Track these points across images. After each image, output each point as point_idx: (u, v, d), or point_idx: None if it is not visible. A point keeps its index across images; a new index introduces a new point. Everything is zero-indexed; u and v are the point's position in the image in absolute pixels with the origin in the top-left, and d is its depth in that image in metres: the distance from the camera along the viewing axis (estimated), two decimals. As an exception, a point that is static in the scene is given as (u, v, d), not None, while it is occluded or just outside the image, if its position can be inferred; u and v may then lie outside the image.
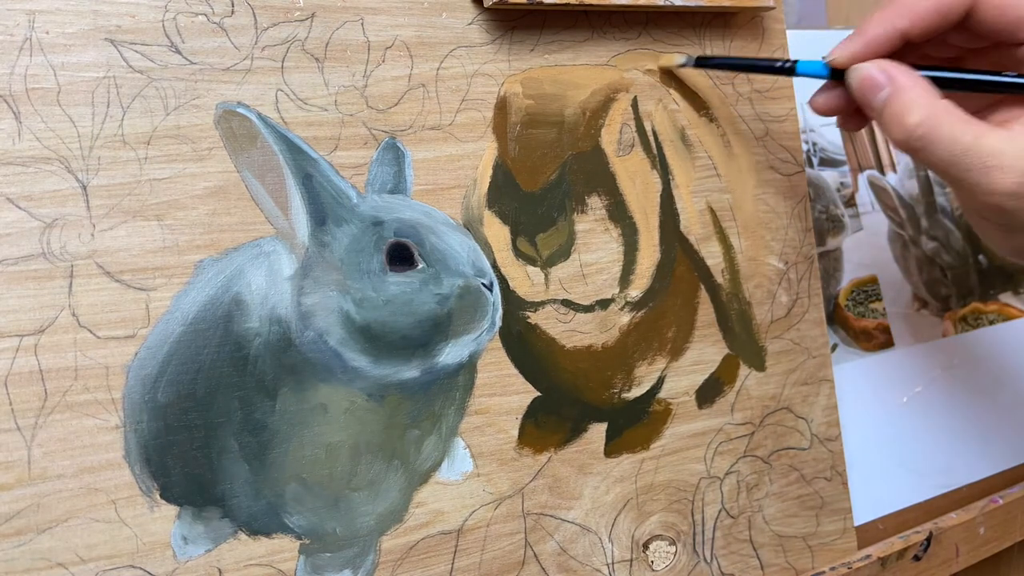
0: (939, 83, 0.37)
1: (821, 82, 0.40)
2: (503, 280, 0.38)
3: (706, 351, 0.43)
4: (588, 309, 0.40)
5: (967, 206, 0.39)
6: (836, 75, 0.38)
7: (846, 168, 0.55)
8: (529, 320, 0.39)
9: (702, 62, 0.42)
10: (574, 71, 0.41)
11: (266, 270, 0.33)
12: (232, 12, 0.33)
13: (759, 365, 0.45)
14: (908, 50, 0.38)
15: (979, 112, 0.37)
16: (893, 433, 0.52)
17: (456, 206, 0.37)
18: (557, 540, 0.39)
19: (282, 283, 0.33)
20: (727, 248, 0.44)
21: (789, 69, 0.40)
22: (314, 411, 0.34)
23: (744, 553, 0.44)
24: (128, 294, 0.31)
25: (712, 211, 0.44)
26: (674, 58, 0.43)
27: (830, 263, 0.53)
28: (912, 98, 0.35)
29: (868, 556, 0.47)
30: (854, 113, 0.40)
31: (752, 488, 0.44)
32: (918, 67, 0.37)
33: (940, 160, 0.35)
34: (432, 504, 0.36)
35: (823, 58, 0.38)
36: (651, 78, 0.43)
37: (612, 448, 0.40)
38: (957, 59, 0.41)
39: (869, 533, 0.49)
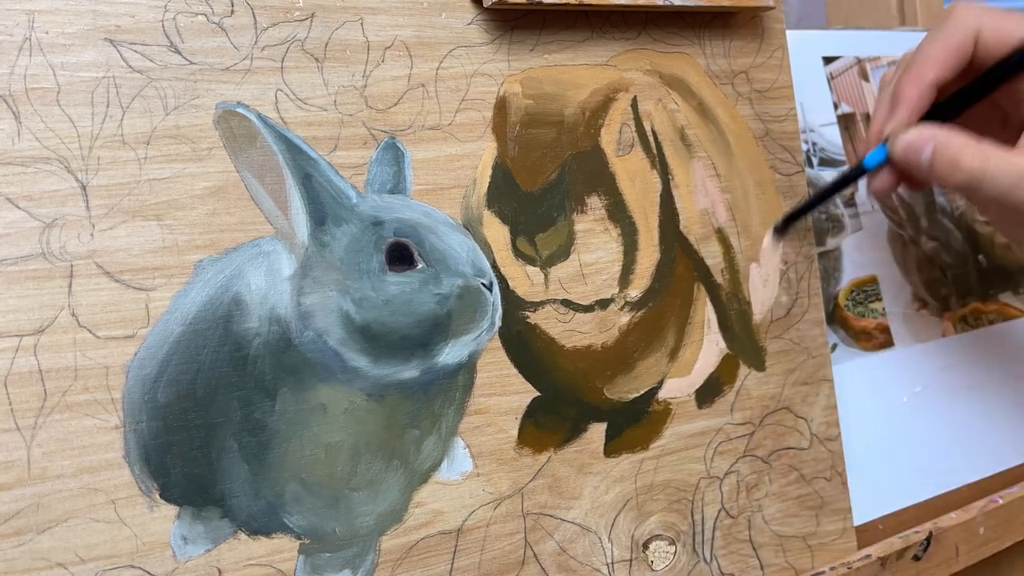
0: (946, 109, 0.40)
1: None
2: (503, 280, 0.38)
3: (706, 351, 0.43)
4: (588, 309, 0.40)
5: (1017, 225, 0.41)
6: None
7: (846, 168, 0.55)
8: (529, 320, 0.39)
9: (787, 221, 0.45)
10: (574, 71, 0.41)
11: (265, 270, 0.33)
12: (232, 12, 0.33)
13: (759, 365, 0.45)
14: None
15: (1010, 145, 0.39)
16: (893, 433, 0.52)
17: (456, 206, 0.37)
18: (557, 540, 0.39)
19: (281, 283, 0.33)
20: (727, 248, 0.44)
21: (860, 172, 0.42)
22: (314, 411, 0.34)
23: (744, 553, 0.44)
24: (128, 294, 0.31)
25: (712, 211, 0.44)
26: (768, 234, 0.45)
27: (830, 263, 0.53)
28: (959, 145, 0.38)
29: (868, 556, 0.47)
30: (908, 179, 0.42)
31: (752, 488, 0.44)
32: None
33: (1002, 188, 0.37)
34: (432, 504, 0.36)
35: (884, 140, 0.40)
36: (651, 78, 0.43)
37: (612, 448, 0.40)
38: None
39: (869, 533, 0.49)
